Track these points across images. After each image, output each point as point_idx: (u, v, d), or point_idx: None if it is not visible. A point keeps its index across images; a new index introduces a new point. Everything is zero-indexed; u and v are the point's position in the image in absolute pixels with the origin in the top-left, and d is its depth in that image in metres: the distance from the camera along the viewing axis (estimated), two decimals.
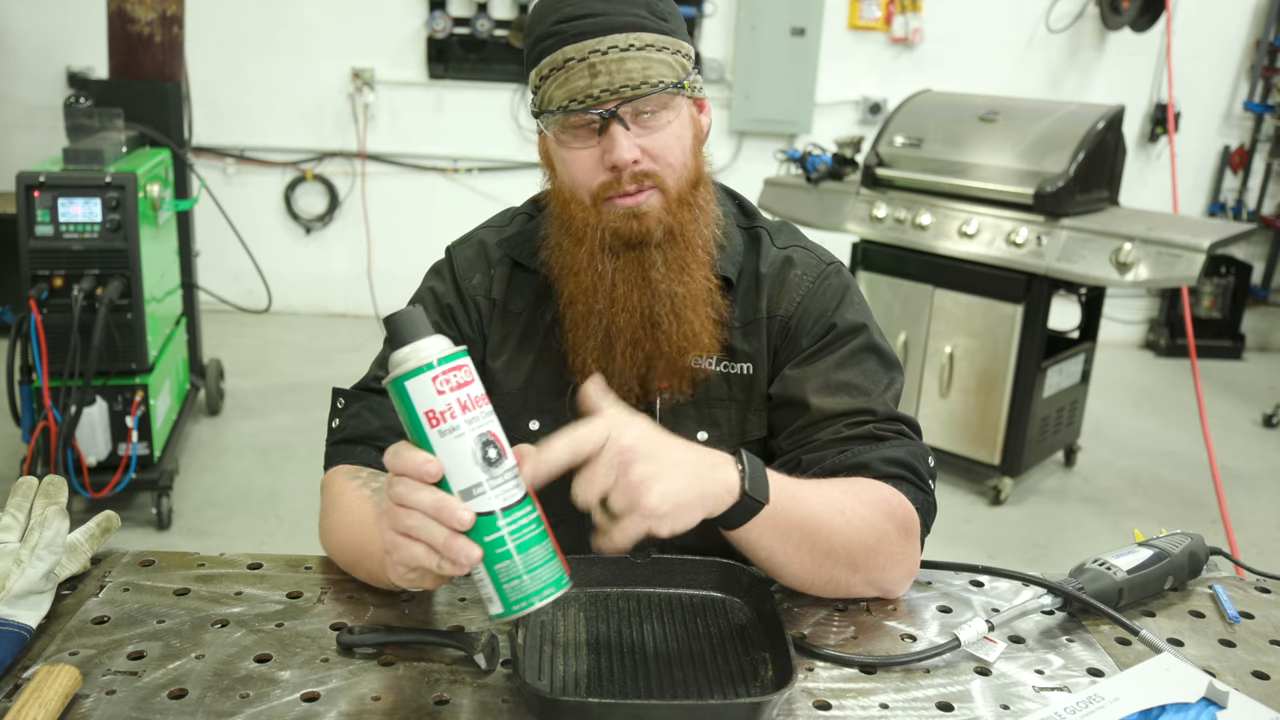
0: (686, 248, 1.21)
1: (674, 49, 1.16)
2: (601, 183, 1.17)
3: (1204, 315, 5.70)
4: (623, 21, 1.13)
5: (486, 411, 0.87)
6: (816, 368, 1.24)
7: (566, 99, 1.14)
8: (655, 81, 1.13)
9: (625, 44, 1.12)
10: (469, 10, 5.19)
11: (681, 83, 1.16)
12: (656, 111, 1.16)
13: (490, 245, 1.34)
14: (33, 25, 5.08)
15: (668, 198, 1.19)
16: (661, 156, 1.17)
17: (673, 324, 1.21)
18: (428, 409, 0.85)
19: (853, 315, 1.26)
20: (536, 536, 0.87)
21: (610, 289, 1.21)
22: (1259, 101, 5.58)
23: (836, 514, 1.07)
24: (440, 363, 0.85)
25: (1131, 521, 3.62)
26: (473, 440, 0.85)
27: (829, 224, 3.88)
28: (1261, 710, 0.93)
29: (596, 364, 1.22)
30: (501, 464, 0.86)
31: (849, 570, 1.10)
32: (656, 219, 1.18)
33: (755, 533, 1.03)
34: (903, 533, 1.13)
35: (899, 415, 1.22)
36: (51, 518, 1.06)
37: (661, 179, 1.18)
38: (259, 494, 3.56)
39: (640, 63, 1.13)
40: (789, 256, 1.30)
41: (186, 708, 0.91)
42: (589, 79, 1.12)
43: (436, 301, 1.32)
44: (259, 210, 5.36)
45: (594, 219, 1.19)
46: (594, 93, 1.12)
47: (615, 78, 1.12)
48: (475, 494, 0.85)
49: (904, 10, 5.32)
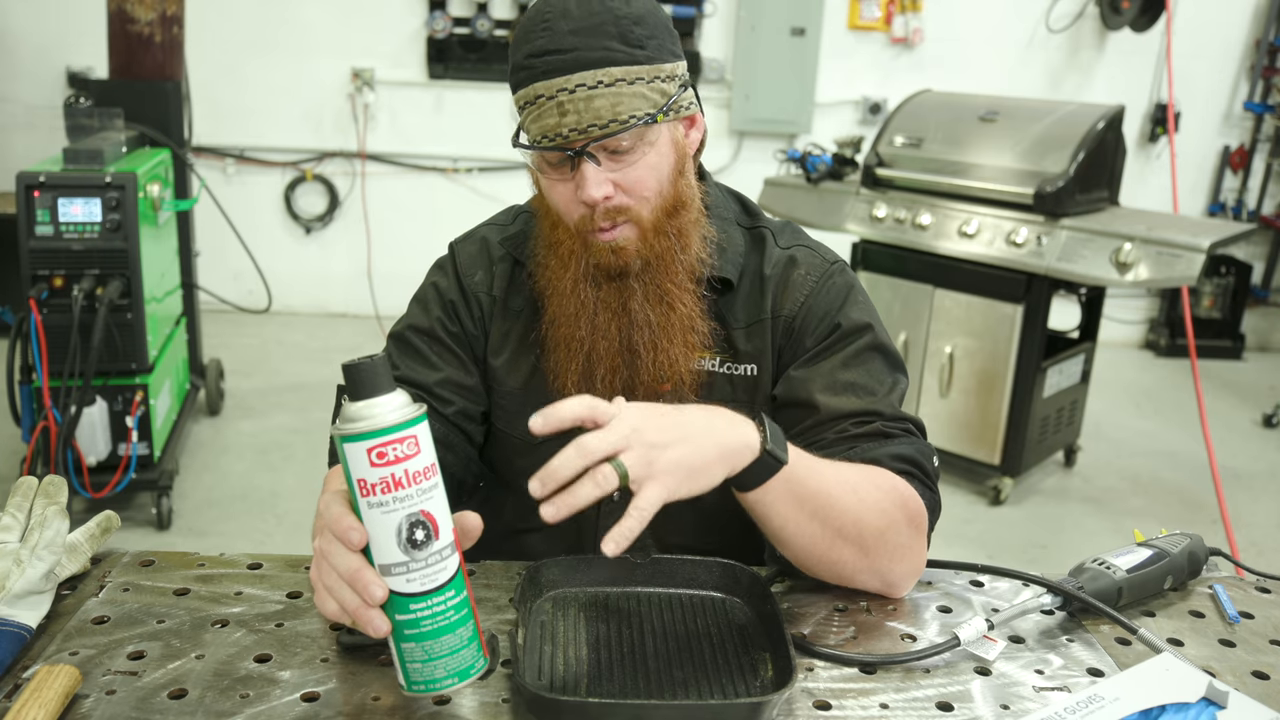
0: (666, 275, 1.21)
1: (650, 77, 1.14)
2: (580, 216, 1.18)
3: (1204, 315, 5.70)
4: (592, 58, 1.11)
5: (427, 487, 0.83)
6: (822, 368, 1.24)
7: (539, 135, 1.14)
8: (625, 118, 1.12)
9: (594, 81, 1.11)
10: (469, 10, 5.19)
11: (655, 115, 1.14)
12: (630, 146, 1.15)
13: (493, 243, 1.35)
14: (33, 25, 5.08)
15: (643, 229, 1.19)
16: (634, 190, 1.17)
17: (650, 353, 1.22)
18: (360, 477, 0.81)
19: (857, 314, 1.26)
20: (452, 624, 0.84)
21: (592, 316, 1.22)
22: (1259, 101, 5.58)
23: (850, 491, 1.08)
24: (383, 433, 0.80)
25: (1131, 521, 3.62)
26: (400, 519, 0.82)
27: (829, 224, 3.87)
28: (1261, 710, 0.93)
29: (577, 389, 1.23)
30: (429, 546, 0.83)
31: (857, 552, 1.10)
32: (634, 252, 1.19)
33: (771, 496, 1.03)
34: (911, 525, 1.13)
35: (905, 415, 1.22)
36: (51, 518, 1.06)
37: (636, 212, 1.18)
38: (259, 494, 3.56)
39: (610, 100, 1.11)
40: (793, 256, 1.30)
41: (186, 708, 0.91)
42: (558, 118, 1.12)
43: (440, 297, 1.32)
44: (259, 210, 5.36)
45: (579, 248, 1.20)
46: (563, 131, 1.12)
47: (583, 117, 1.11)
48: (394, 572, 0.83)
49: (904, 10, 5.32)
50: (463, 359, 1.30)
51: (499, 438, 1.33)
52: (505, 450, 1.33)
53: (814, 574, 1.13)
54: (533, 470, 1.30)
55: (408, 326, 1.32)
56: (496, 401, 1.32)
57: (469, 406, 1.29)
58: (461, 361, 1.30)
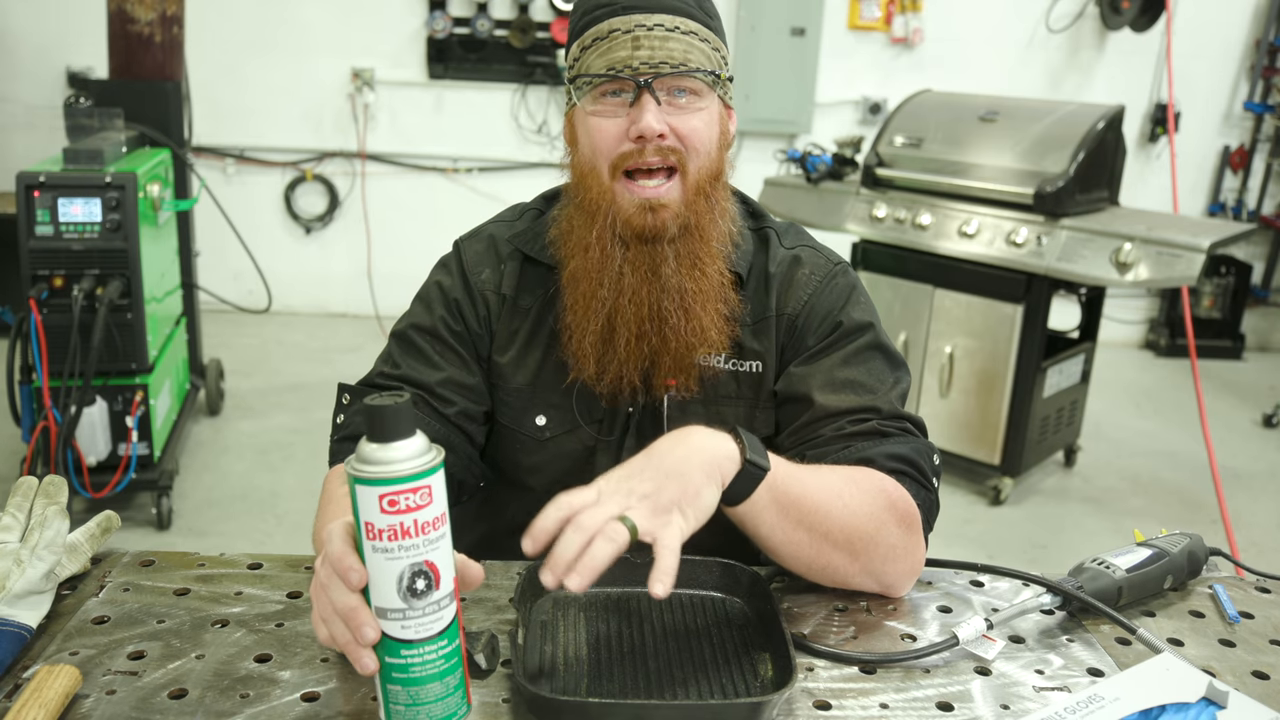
0: (701, 242, 1.21)
1: (715, 45, 1.20)
2: (623, 152, 1.18)
3: (1204, 315, 5.70)
4: (673, 4, 1.17)
5: (435, 538, 0.82)
6: (822, 365, 1.24)
7: (605, 66, 1.16)
8: (694, 66, 1.16)
9: (671, 25, 1.16)
10: (469, 10, 5.19)
11: (718, 74, 1.19)
12: (690, 95, 1.18)
13: (500, 240, 1.34)
14: (33, 25, 5.08)
15: (686, 185, 1.19)
16: (688, 138, 1.18)
17: (681, 320, 1.21)
18: (368, 520, 0.81)
19: (859, 314, 1.27)
20: (440, 672, 0.84)
21: (618, 276, 1.20)
22: (1259, 101, 5.58)
23: (834, 498, 1.07)
24: (398, 482, 0.80)
25: (1131, 521, 3.62)
26: (403, 568, 0.81)
27: (829, 224, 3.87)
28: (1261, 710, 0.93)
29: (595, 350, 1.22)
30: (429, 595, 0.82)
31: (848, 557, 1.09)
32: (674, 213, 1.19)
33: (758, 507, 1.03)
34: (903, 526, 1.12)
35: (904, 414, 1.22)
36: (51, 518, 1.06)
37: (684, 160, 1.18)
38: (259, 494, 3.56)
39: (683, 44, 1.16)
40: (797, 256, 1.31)
41: (186, 708, 0.91)
42: (630, 50, 1.15)
43: (444, 296, 1.31)
44: (259, 210, 5.36)
45: (609, 197, 1.19)
46: (633, 64, 1.15)
47: (656, 53, 1.15)
48: (390, 617, 0.82)
49: (904, 10, 5.32)
50: (465, 358, 1.29)
51: (504, 435, 1.33)
52: (511, 447, 1.33)
53: (810, 580, 1.14)
54: (540, 468, 1.31)
55: (410, 325, 1.31)
56: (501, 398, 1.31)
57: (471, 407, 1.28)
58: (464, 361, 1.29)
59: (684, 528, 0.94)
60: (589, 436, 1.29)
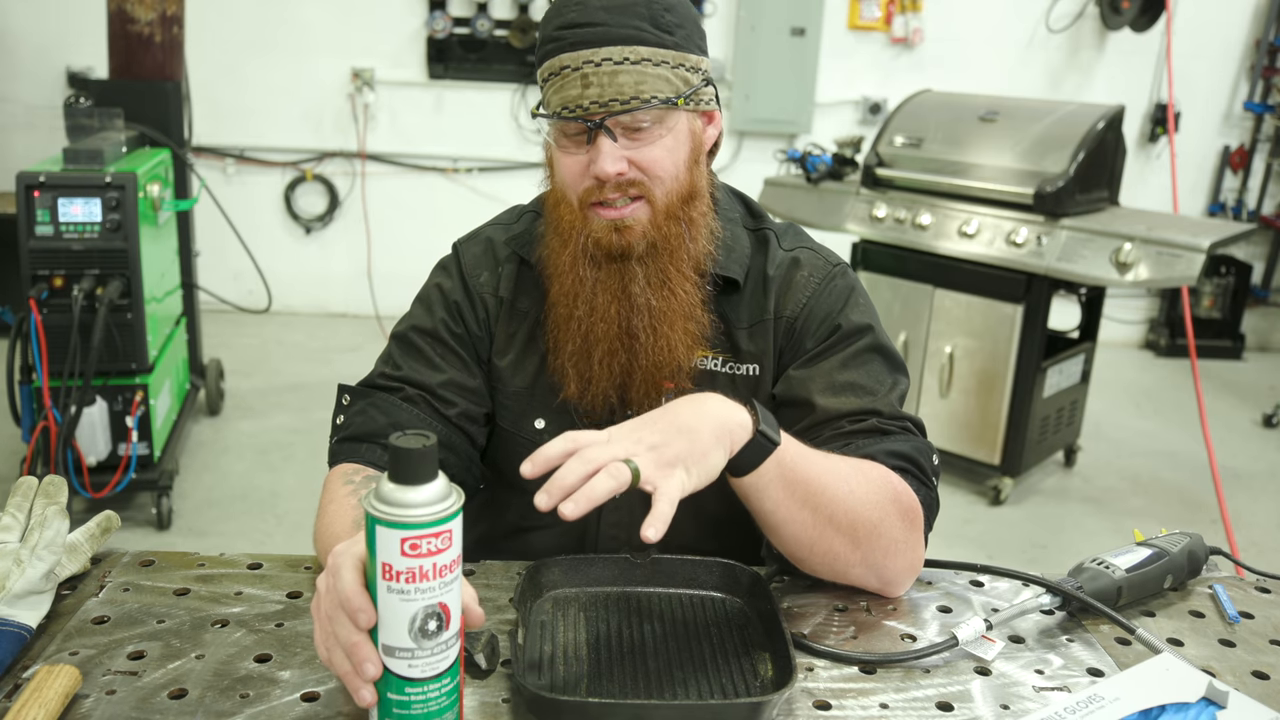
0: (670, 261, 1.21)
1: (676, 63, 1.16)
2: (586, 188, 1.18)
3: (1204, 315, 5.69)
4: (621, 34, 1.14)
5: (450, 580, 0.82)
6: (821, 368, 1.24)
7: (560, 105, 1.16)
8: (646, 97, 1.14)
9: (620, 57, 1.13)
10: (469, 10, 5.19)
11: (676, 98, 1.16)
12: (649, 125, 1.16)
13: (498, 243, 1.34)
14: (33, 25, 5.08)
15: (655, 210, 1.19)
16: (650, 169, 1.18)
17: (649, 338, 1.22)
18: (386, 561, 0.80)
19: (858, 316, 1.27)
20: (441, 709, 0.84)
21: (590, 297, 1.22)
22: (1259, 101, 5.58)
23: (840, 482, 1.08)
24: (421, 527, 0.79)
25: (1131, 521, 3.62)
26: (417, 609, 0.81)
27: (829, 224, 3.87)
28: (1261, 710, 0.93)
29: (574, 368, 1.24)
30: (439, 635, 0.83)
31: (849, 544, 1.09)
32: (641, 233, 1.19)
33: (764, 481, 1.03)
34: (905, 520, 1.12)
35: (904, 415, 1.22)
36: (51, 518, 1.06)
37: (649, 190, 1.18)
38: (259, 494, 3.56)
39: (633, 77, 1.13)
40: (796, 258, 1.31)
41: (186, 708, 0.91)
42: (580, 89, 1.14)
43: (444, 298, 1.32)
44: (259, 210, 5.36)
45: (580, 224, 1.20)
46: (584, 103, 1.14)
47: (605, 90, 1.13)
48: (398, 655, 0.82)
49: (904, 10, 5.31)
50: (466, 360, 1.30)
51: (503, 437, 1.33)
52: (510, 449, 1.33)
53: (809, 568, 1.13)
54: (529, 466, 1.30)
55: (411, 327, 1.31)
56: (501, 401, 1.32)
57: (471, 408, 1.29)
58: (465, 363, 1.29)
59: (685, 483, 0.95)
60: None
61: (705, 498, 1.24)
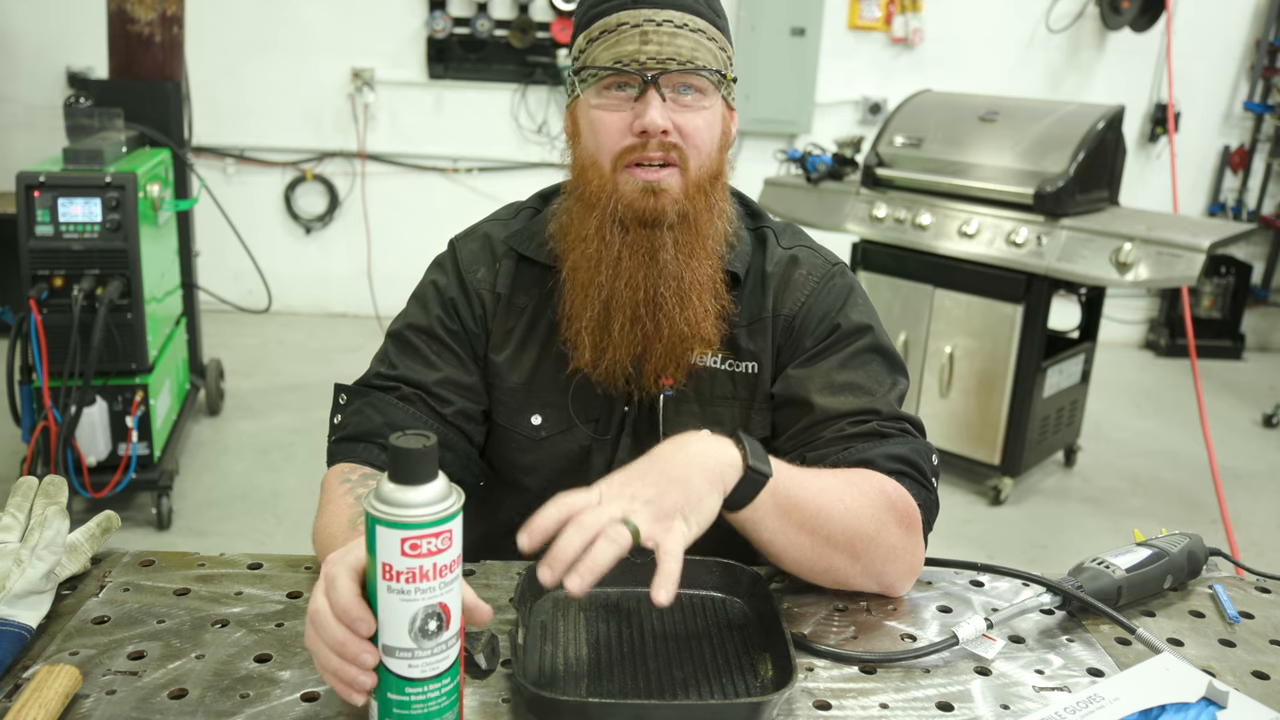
0: (697, 235, 1.21)
1: (722, 45, 1.20)
2: (626, 146, 1.18)
3: (1204, 315, 5.70)
4: (683, 1, 1.17)
5: (450, 580, 0.82)
6: (820, 368, 1.24)
7: (613, 60, 1.16)
8: (701, 64, 1.16)
9: (680, 21, 1.16)
10: (469, 10, 5.19)
11: (723, 73, 1.19)
12: (695, 93, 1.18)
13: (495, 239, 1.34)
14: (33, 25, 5.08)
15: (687, 180, 1.19)
16: (691, 136, 1.18)
17: (676, 307, 1.21)
18: (386, 562, 0.80)
19: (857, 316, 1.27)
20: (441, 709, 0.84)
21: (615, 261, 1.20)
22: (1259, 101, 5.58)
23: (835, 501, 1.08)
24: (421, 527, 0.79)
25: (1131, 521, 3.62)
26: (418, 609, 0.81)
27: (829, 224, 3.87)
28: (1261, 710, 0.93)
29: (591, 336, 1.22)
30: (439, 635, 0.82)
31: (849, 559, 1.09)
32: (673, 199, 1.19)
33: (760, 513, 1.03)
34: (903, 526, 1.12)
35: (903, 415, 1.22)
36: (51, 518, 1.06)
37: (685, 157, 1.18)
38: (259, 494, 3.56)
39: (691, 42, 1.16)
40: (795, 256, 1.31)
41: (186, 708, 0.91)
42: (639, 44, 1.15)
43: (439, 295, 1.31)
44: (259, 210, 5.36)
45: (610, 187, 1.19)
46: (641, 58, 1.15)
47: (665, 49, 1.15)
48: (398, 655, 0.82)
49: (904, 10, 5.32)
50: (462, 357, 1.29)
51: (500, 434, 1.33)
52: (507, 447, 1.32)
53: (811, 581, 1.14)
54: (536, 467, 1.31)
55: (406, 325, 1.31)
56: (498, 398, 1.31)
57: (468, 406, 1.28)
58: (461, 360, 1.29)
59: (686, 534, 0.94)
60: (584, 436, 1.29)
61: None
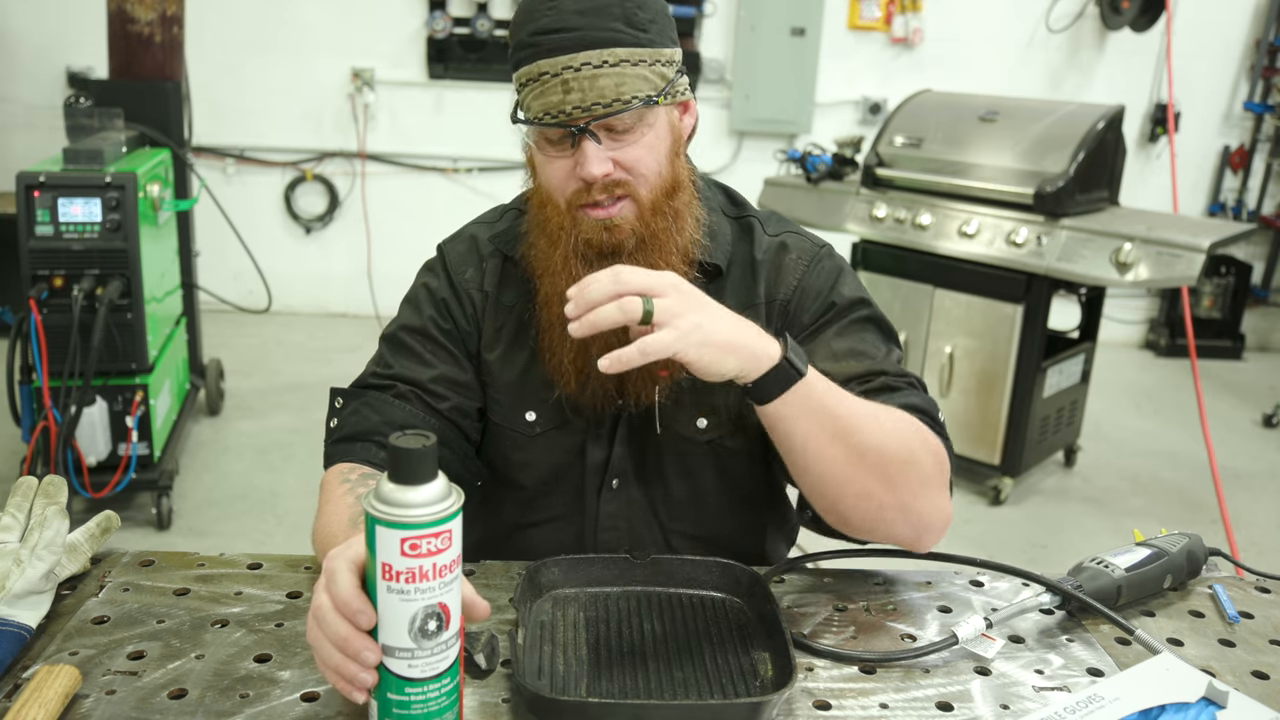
0: (659, 253, 1.22)
1: (652, 60, 1.17)
2: (574, 190, 1.19)
3: (1204, 315, 5.69)
4: (597, 37, 1.13)
5: (450, 580, 0.82)
6: (821, 340, 1.26)
7: (541, 112, 1.15)
8: (628, 99, 1.14)
9: (599, 61, 1.13)
10: (469, 10, 5.19)
11: (656, 97, 1.16)
12: (630, 126, 1.17)
13: (482, 240, 1.36)
14: (33, 25, 5.08)
15: (641, 207, 1.20)
16: (634, 168, 1.18)
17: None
18: (386, 561, 0.81)
19: (850, 291, 1.29)
20: (441, 709, 0.85)
21: None
22: (1259, 101, 5.58)
23: (870, 418, 1.10)
24: (421, 527, 0.80)
25: (1131, 521, 3.62)
26: (417, 609, 0.81)
27: (829, 224, 3.87)
28: (1261, 710, 0.93)
29: (574, 366, 1.24)
30: (439, 635, 0.83)
31: (883, 484, 1.10)
32: (630, 230, 1.20)
33: (791, 409, 1.05)
34: (935, 462, 1.14)
35: (908, 372, 1.25)
36: (51, 518, 1.06)
37: (634, 189, 1.19)
38: (259, 494, 3.56)
39: (614, 79, 1.13)
40: (783, 242, 1.32)
41: (186, 708, 0.91)
42: (562, 95, 1.13)
43: (431, 296, 1.33)
44: (259, 210, 5.36)
45: (568, 224, 1.20)
46: (566, 109, 1.14)
47: (588, 95, 1.13)
48: (398, 655, 0.82)
49: (904, 10, 5.31)
50: (457, 356, 1.31)
51: (496, 432, 1.33)
52: (502, 444, 1.33)
53: (842, 515, 1.13)
54: (532, 464, 1.32)
55: (400, 327, 1.33)
56: (492, 395, 1.33)
57: (464, 403, 1.29)
58: (455, 358, 1.31)
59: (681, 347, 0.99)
60: (579, 430, 1.31)
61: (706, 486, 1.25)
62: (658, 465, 1.30)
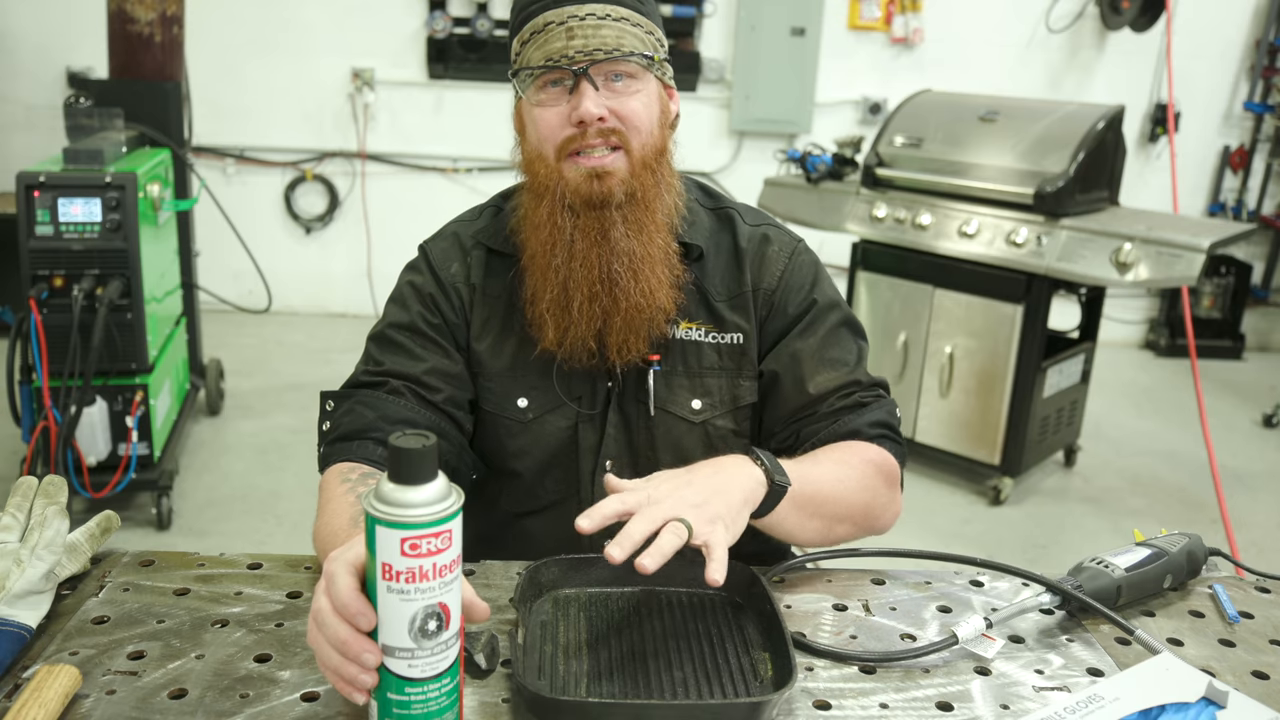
0: (646, 211, 1.27)
1: (648, 29, 1.25)
2: (567, 136, 1.23)
3: (1204, 315, 5.69)
4: None
5: (450, 580, 0.82)
6: (809, 345, 1.33)
7: (543, 58, 1.21)
8: (628, 50, 1.21)
9: (603, 13, 1.21)
10: (469, 10, 5.19)
11: (652, 56, 1.24)
12: (626, 78, 1.23)
13: (464, 236, 1.39)
14: (33, 25, 5.08)
15: (632, 160, 1.25)
16: (628, 119, 1.24)
17: (630, 282, 1.27)
18: (386, 562, 0.81)
19: (828, 292, 1.39)
20: (441, 709, 0.84)
21: (569, 244, 1.26)
22: (1259, 101, 5.58)
23: (837, 483, 1.21)
24: (421, 527, 0.80)
25: (1131, 521, 3.62)
26: (417, 609, 0.81)
27: (829, 224, 3.87)
28: (1261, 710, 0.93)
29: (553, 316, 1.27)
30: (439, 635, 0.82)
31: (849, 526, 1.25)
32: (620, 180, 1.24)
33: (781, 514, 1.14)
34: (888, 484, 1.29)
35: (876, 380, 1.35)
36: (51, 518, 1.06)
37: (626, 139, 1.24)
38: (259, 494, 3.56)
39: (615, 31, 1.21)
40: (765, 234, 1.39)
41: (186, 708, 0.91)
42: (565, 40, 1.20)
43: (417, 293, 1.35)
44: (259, 210, 5.36)
45: (556, 176, 1.25)
46: (569, 53, 1.20)
47: (590, 41, 1.20)
48: (398, 655, 0.82)
49: (904, 10, 5.31)
50: (446, 349, 1.33)
51: (489, 421, 1.35)
52: (496, 433, 1.35)
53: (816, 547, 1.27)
54: (526, 450, 1.33)
55: (388, 325, 1.34)
56: (484, 385, 1.34)
57: (457, 394, 1.31)
58: (445, 351, 1.32)
59: (725, 539, 1.03)
60: (571, 413, 1.34)
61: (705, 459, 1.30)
62: (649, 446, 1.34)
